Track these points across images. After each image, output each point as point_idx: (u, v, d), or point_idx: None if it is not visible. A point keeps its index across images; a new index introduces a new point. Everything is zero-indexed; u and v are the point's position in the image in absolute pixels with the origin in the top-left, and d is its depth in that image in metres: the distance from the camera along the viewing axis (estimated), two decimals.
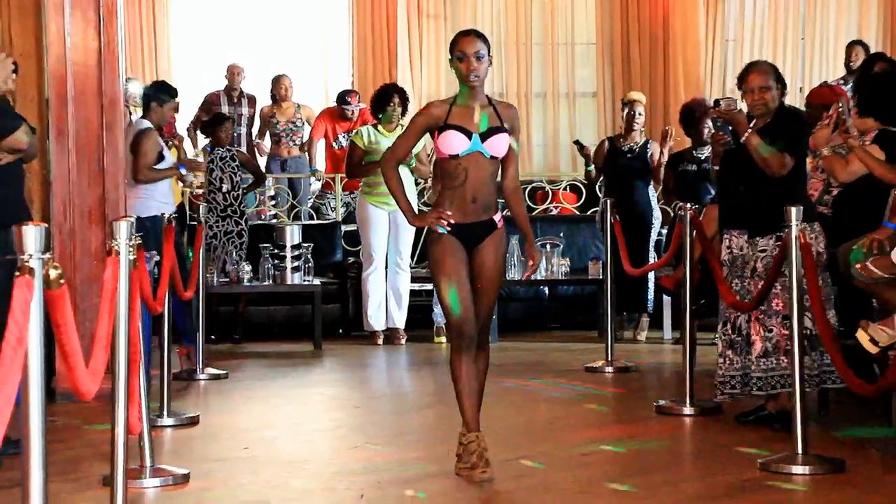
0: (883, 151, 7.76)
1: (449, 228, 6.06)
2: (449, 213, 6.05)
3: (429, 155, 12.21)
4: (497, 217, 6.19)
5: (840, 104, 7.99)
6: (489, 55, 6.09)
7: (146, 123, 10.25)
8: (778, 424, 7.29)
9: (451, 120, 6.06)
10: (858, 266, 7.06)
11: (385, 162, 6.44)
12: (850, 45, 13.37)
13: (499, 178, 6.34)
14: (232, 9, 16.62)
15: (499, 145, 6.09)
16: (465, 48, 6.03)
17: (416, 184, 12.15)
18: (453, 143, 6.03)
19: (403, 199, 6.25)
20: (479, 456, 6.03)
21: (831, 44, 16.47)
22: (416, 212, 6.46)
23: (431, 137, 6.16)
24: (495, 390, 7.94)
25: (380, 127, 11.70)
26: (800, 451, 6.50)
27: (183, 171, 10.69)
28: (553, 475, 6.52)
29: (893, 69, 9.06)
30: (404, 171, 10.26)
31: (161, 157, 10.16)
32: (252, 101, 14.97)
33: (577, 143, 12.44)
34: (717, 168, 7.93)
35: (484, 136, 6.05)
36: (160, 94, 10.49)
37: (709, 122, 11.03)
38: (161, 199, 10.08)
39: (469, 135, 6.03)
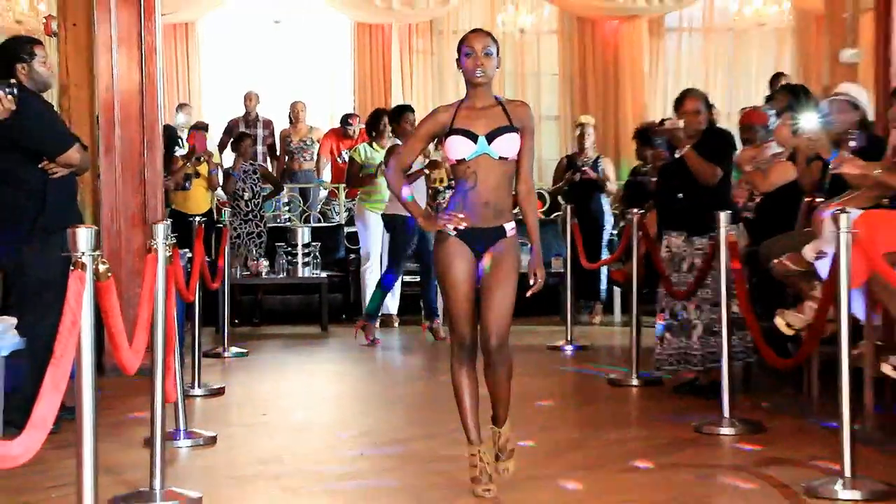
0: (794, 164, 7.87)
1: (462, 228, 5.01)
2: (461, 215, 5.00)
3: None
4: (509, 225, 5.09)
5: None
6: (497, 55, 5.06)
7: (396, 141, 10.62)
8: (709, 394, 7.31)
9: (457, 124, 5.00)
10: (776, 261, 7.09)
11: (389, 170, 5.33)
12: (776, 77, 13.27)
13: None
14: (253, 47, 16.59)
15: (507, 146, 4.99)
16: (473, 44, 5.00)
17: (437, 192, 11.79)
18: (459, 147, 4.98)
19: (413, 204, 5.28)
20: (482, 471, 5.09)
21: (753, 76, 16.51)
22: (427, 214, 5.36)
23: (438, 144, 5.15)
24: None
25: (374, 144, 11.64)
26: (727, 415, 6.54)
27: (426, 171, 10.73)
28: (521, 436, 6.52)
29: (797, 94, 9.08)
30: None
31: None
32: (267, 123, 14.90)
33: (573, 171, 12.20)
34: (654, 179, 7.92)
35: (490, 138, 4.97)
36: (395, 115, 10.89)
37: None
38: None
39: (474, 138, 4.97)
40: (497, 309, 5.01)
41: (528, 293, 5.09)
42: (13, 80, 6.18)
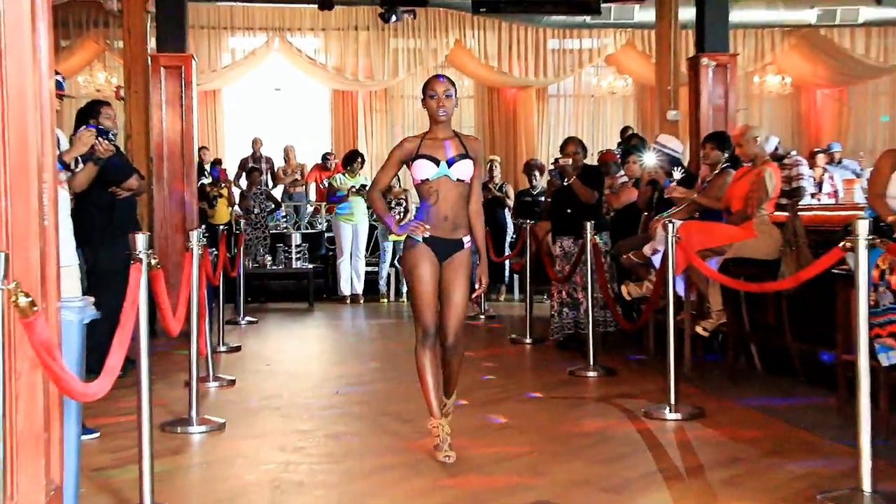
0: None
1: (426, 234, 4.41)
2: (427, 225, 4.42)
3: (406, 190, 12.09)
4: (466, 238, 4.49)
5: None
6: (455, 96, 4.49)
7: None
8: (581, 349, 7.35)
9: (422, 150, 4.43)
10: (625, 256, 7.15)
11: (370, 193, 4.66)
12: (625, 129, 13.33)
13: None
14: (260, 107, 16.46)
15: (463, 170, 4.42)
16: (435, 88, 4.42)
17: (391, 207, 11.63)
18: (424, 169, 4.39)
19: (386, 218, 4.68)
20: (443, 440, 4.42)
21: (609, 126, 16.66)
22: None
23: (407, 168, 4.51)
24: (403, 335, 7.91)
25: (346, 174, 11.70)
26: (591, 364, 6.60)
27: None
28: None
29: (641, 141, 9.16)
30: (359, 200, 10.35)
31: None
32: (268, 160, 14.78)
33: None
34: (548, 200, 7.94)
35: (450, 163, 4.41)
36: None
37: (536, 172, 11.26)
38: None
39: (437, 162, 4.40)
40: (454, 314, 4.42)
41: (472, 296, 4.52)
42: (114, 131, 6.13)
